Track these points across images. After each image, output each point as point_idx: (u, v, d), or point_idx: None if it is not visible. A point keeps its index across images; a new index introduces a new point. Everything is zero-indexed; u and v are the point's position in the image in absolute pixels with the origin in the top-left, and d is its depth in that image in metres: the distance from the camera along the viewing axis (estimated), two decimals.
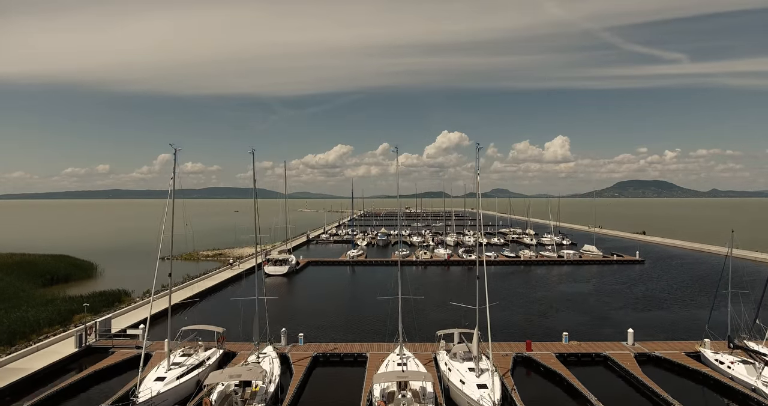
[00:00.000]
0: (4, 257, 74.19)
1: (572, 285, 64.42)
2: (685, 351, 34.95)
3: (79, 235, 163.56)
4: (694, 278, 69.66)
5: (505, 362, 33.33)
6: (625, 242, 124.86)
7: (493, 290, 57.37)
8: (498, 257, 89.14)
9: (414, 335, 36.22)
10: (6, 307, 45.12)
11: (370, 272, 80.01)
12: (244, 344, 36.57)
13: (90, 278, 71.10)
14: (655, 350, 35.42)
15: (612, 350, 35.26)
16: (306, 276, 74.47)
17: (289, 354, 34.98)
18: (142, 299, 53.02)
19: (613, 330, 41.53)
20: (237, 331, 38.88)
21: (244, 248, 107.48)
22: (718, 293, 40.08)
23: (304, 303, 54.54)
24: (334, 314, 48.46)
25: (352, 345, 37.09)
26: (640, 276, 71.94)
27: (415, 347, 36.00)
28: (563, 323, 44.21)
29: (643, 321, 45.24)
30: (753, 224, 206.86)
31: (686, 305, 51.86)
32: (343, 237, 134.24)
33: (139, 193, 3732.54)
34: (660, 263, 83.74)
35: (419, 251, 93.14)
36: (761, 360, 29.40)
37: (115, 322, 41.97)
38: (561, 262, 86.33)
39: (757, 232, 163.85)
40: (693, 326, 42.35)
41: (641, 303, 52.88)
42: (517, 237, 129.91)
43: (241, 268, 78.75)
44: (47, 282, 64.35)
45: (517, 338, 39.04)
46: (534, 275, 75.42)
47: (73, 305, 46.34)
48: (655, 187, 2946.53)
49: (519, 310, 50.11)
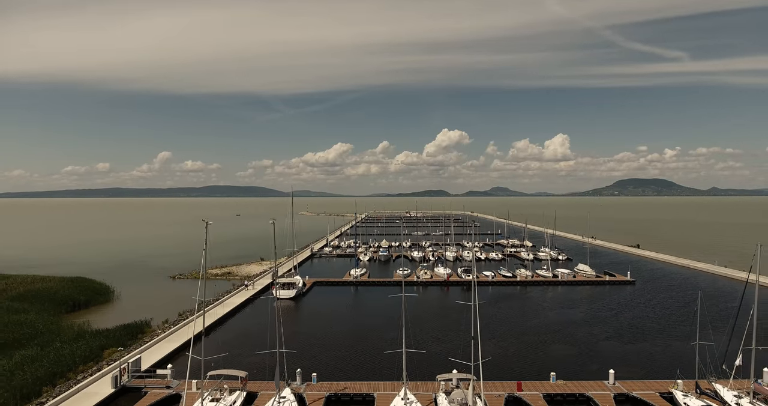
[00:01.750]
0: (23, 281, 78.15)
1: (564, 312, 68.29)
2: (659, 391, 38.93)
3: (85, 244, 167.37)
4: (680, 302, 73.61)
5: (497, 402, 37.36)
6: (620, 256, 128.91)
7: (490, 319, 61.45)
8: (495, 277, 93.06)
9: (416, 373, 40.21)
10: (40, 343, 49.10)
11: (373, 293, 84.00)
12: (263, 384, 40.52)
13: (108, 302, 75.04)
14: (633, 389, 39.39)
15: (594, 391, 39.25)
16: (313, 300, 78.31)
17: (304, 394, 38.94)
18: (162, 330, 56.87)
19: (599, 366, 45.47)
20: (255, 363, 42.89)
21: (251, 266, 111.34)
22: (692, 329, 43.91)
23: (313, 332, 58.22)
24: (343, 347, 52.30)
25: (360, 384, 41.03)
26: (629, 299, 75.92)
27: (418, 386, 40.00)
28: (552, 358, 48.26)
29: (626, 355, 49.22)
30: (751, 232, 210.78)
31: (668, 337, 55.69)
32: (345, 251, 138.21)
33: (139, 192, 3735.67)
34: (650, 285, 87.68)
35: (420, 270, 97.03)
36: None
37: (143, 356, 45.98)
38: (555, 282, 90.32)
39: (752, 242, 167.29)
40: (672, 362, 46.18)
41: (626, 334, 56.79)
42: (514, 251, 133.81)
43: (256, 287, 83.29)
44: (69, 309, 68.35)
45: (510, 373, 43.04)
46: (529, 298, 79.37)
47: (102, 340, 50.23)
48: (655, 186, 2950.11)
49: (513, 342, 54.00)
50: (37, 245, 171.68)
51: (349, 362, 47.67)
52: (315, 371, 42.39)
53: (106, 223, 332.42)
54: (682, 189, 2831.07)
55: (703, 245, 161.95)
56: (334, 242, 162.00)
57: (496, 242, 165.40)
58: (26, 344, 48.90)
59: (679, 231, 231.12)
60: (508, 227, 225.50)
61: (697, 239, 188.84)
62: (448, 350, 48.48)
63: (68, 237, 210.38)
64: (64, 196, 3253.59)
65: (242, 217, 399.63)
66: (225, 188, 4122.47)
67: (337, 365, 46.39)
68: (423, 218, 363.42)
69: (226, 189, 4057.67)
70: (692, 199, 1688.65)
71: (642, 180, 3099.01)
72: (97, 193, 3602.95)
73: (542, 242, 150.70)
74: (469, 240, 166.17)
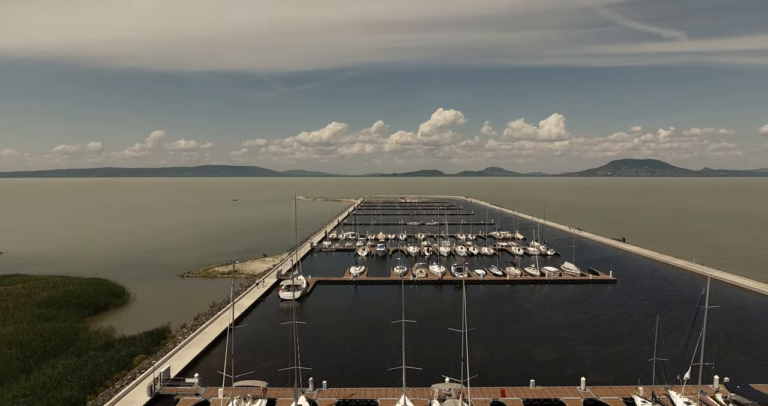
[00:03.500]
0: (44, 284, 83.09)
1: (547, 315, 74.46)
2: (623, 396, 45.20)
3: (89, 235, 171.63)
4: (655, 303, 79.88)
5: None
6: (605, 251, 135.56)
7: (479, 322, 67.36)
8: (486, 275, 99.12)
9: (412, 379, 46.16)
10: (75, 351, 54.57)
11: (373, 292, 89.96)
12: (280, 390, 46.34)
13: (125, 304, 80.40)
14: (600, 395, 45.63)
15: (567, 396, 45.43)
16: (317, 301, 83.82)
17: (317, 400, 44.86)
18: (182, 336, 62.42)
19: (574, 371, 51.68)
20: (272, 366, 48.65)
21: (255, 263, 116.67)
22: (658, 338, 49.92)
23: (321, 337, 63.87)
24: (348, 353, 58.05)
25: (365, 391, 46.96)
26: (609, 300, 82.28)
27: (415, 392, 45.98)
28: (534, 363, 54.51)
29: (598, 360, 55.45)
30: (739, 226, 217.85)
31: (639, 341, 61.72)
32: (344, 245, 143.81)
33: (132, 172, 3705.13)
34: (630, 284, 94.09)
35: (415, 269, 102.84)
36: None
37: (169, 361, 51.67)
38: (542, 281, 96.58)
39: (741, 238, 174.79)
40: (637, 367, 52.35)
41: (601, 338, 63.05)
42: (506, 246, 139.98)
43: (266, 284, 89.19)
44: (90, 313, 73.74)
45: (496, 379, 49.05)
46: (517, 298, 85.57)
47: (130, 348, 55.76)
48: (649, 167, 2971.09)
49: (499, 346, 60.04)
50: (42, 237, 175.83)
51: (355, 368, 53.51)
52: (325, 377, 48.30)
53: (104, 209, 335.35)
54: (675, 170, 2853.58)
55: (685, 238, 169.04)
56: (332, 234, 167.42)
57: (488, 234, 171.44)
58: (62, 352, 54.36)
59: (665, 222, 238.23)
60: (501, 216, 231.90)
61: (680, 231, 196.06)
62: (441, 355, 54.37)
63: (70, 227, 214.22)
64: (56, 176, 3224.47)
65: (239, 202, 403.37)
66: (218, 168, 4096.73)
67: (344, 372, 52.24)
68: (418, 204, 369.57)
69: (219, 169, 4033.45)
70: (684, 181, 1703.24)
71: (635, 161, 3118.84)
72: (89, 172, 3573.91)
73: (533, 234, 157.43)
74: (462, 232, 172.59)
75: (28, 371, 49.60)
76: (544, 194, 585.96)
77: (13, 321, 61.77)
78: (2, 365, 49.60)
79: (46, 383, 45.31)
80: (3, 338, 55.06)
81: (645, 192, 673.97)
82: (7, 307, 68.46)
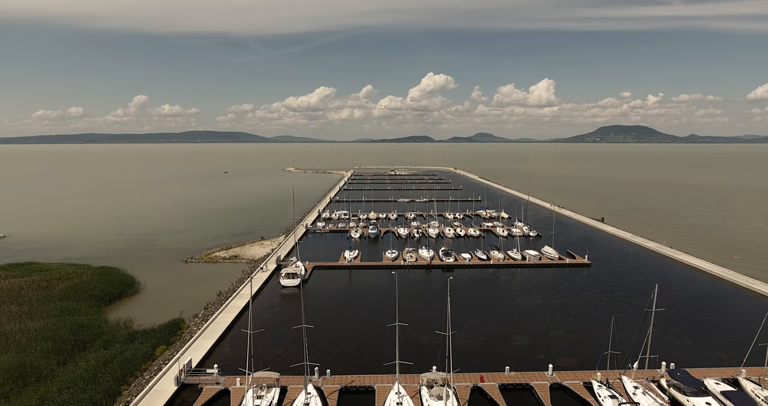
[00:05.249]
0: (58, 274, 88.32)
1: (526, 300, 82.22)
2: (584, 381, 53.07)
3: (85, 214, 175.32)
4: (626, 289, 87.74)
5: (465, 392, 51.05)
6: (584, 231, 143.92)
7: (464, 310, 74.53)
8: (472, 259, 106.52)
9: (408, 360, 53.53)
10: (101, 344, 60.85)
11: (367, 277, 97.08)
12: (290, 378, 53.33)
13: (136, 293, 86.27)
14: (565, 379, 53.44)
15: (536, 381, 53.15)
16: (315, 287, 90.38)
17: (322, 387, 52.05)
18: (196, 327, 68.96)
19: (544, 356, 59.55)
20: (282, 355, 55.57)
21: (254, 247, 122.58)
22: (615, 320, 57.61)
23: (322, 324, 70.29)
24: (347, 340, 65.12)
25: (363, 377, 54.18)
26: (583, 285, 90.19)
27: (406, 379, 53.31)
28: (510, 349, 62.18)
29: (566, 345, 63.20)
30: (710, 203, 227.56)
31: (604, 327, 69.46)
32: (337, 225, 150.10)
33: (116, 138, 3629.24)
34: (603, 268, 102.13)
35: (406, 253, 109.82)
36: (627, 400, 47.43)
37: (188, 351, 58.37)
38: (523, 265, 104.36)
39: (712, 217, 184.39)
40: (599, 353, 60.25)
41: (571, 324, 70.90)
42: (491, 226, 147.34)
43: (269, 268, 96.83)
44: (106, 302, 79.70)
45: (476, 366, 56.52)
46: (500, 283, 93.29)
47: (152, 340, 62.15)
48: (636, 133, 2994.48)
49: (480, 333, 67.50)
50: (39, 215, 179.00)
51: (354, 356, 60.67)
52: (329, 366, 55.47)
53: (94, 183, 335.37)
54: (662, 136, 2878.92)
55: (660, 217, 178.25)
56: (325, 213, 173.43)
57: (475, 212, 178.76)
58: (91, 345, 60.62)
59: (643, 199, 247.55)
60: (488, 192, 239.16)
61: (657, 209, 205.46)
62: (429, 342, 61.78)
63: (64, 203, 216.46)
64: (37, 143, 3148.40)
65: (230, 175, 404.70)
66: (205, 134, 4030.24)
67: (345, 359, 59.39)
68: (407, 177, 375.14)
69: (206, 135, 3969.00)
70: (670, 149, 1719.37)
71: (624, 127, 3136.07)
72: (71, 138, 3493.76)
73: (517, 211, 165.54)
74: (451, 210, 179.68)
75: (63, 364, 55.97)
76: (531, 166, 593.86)
77: (41, 316, 67.57)
78: (41, 357, 55.76)
79: (84, 376, 51.66)
80: (37, 334, 61.00)
81: (630, 162, 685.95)
82: (30, 300, 74.09)
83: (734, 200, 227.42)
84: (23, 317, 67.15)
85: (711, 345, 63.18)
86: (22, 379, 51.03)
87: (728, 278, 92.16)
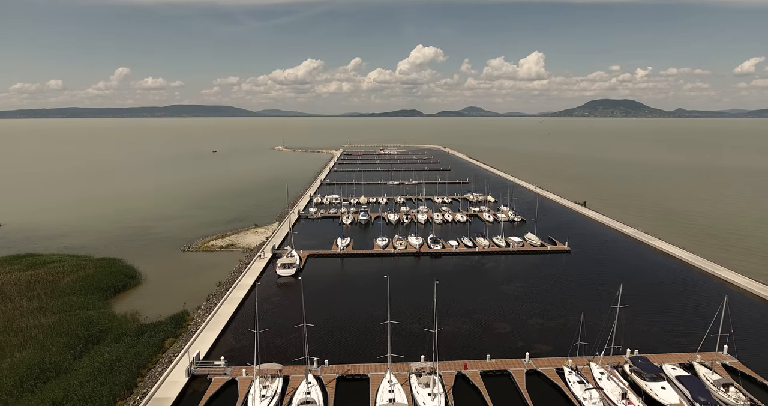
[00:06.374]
0: (61, 267, 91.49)
1: (509, 287, 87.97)
2: (556, 367, 59.05)
3: (75, 199, 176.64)
4: (601, 277, 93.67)
5: (449, 378, 56.74)
6: (567, 215, 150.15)
7: (449, 299, 79.48)
8: (458, 247, 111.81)
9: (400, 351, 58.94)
10: (113, 338, 65.16)
11: (359, 265, 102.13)
12: (292, 368, 58.45)
13: (138, 285, 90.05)
14: (540, 366, 59.34)
15: (513, 367, 58.98)
16: (310, 277, 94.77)
17: (321, 376, 57.33)
18: (201, 319, 73.51)
19: (522, 343, 65.46)
20: (282, 346, 60.55)
21: (249, 235, 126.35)
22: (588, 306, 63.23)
23: (318, 315, 75.05)
24: (341, 330, 70.24)
25: (358, 366, 59.51)
26: (562, 273, 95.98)
27: (397, 367, 58.79)
28: (492, 336, 67.89)
29: (543, 332, 69.08)
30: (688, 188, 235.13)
31: (578, 314, 75.68)
32: (329, 211, 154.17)
33: (98, 112, 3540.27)
34: (582, 255, 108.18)
35: (396, 241, 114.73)
36: (593, 385, 53.41)
37: (195, 344, 63.10)
38: (507, 252, 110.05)
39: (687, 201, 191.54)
40: (571, 340, 66.26)
41: (548, 311, 76.75)
42: (477, 211, 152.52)
43: (266, 255, 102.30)
44: (110, 295, 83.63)
45: (460, 353, 62.15)
46: (485, 270, 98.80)
47: (159, 333, 66.56)
48: (624, 107, 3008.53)
49: (465, 321, 73.09)
50: (30, 200, 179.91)
51: (349, 345, 65.91)
52: (325, 355, 60.66)
53: (79, 163, 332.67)
54: (650, 110, 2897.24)
55: (639, 199, 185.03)
56: (316, 197, 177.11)
57: (462, 195, 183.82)
58: (103, 339, 64.90)
59: (625, 180, 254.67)
60: (476, 174, 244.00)
61: (637, 192, 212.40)
62: (418, 331, 67.21)
63: (54, 187, 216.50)
64: (16, 117, 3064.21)
65: (219, 154, 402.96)
66: (190, 107, 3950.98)
67: (341, 349, 64.60)
68: (396, 156, 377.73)
69: (191, 108, 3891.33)
70: (656, 124, 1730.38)
71: (612, 101, 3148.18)
72: (52, 113, 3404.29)
73: (503, 195, 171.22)
74: (439, 194, 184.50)
75: (79, 358, 60.35)
76: (519, 143, 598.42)
77: (52, 311, 71.39)
78: (58, 353, 59.99)
79: (101, 370, 56.15)
80: (52, 329, 65.02)
81: (616, 139, 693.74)
82: (39, 295, 77.72)
83: (713, 181, 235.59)
84: (36, 312, 70.97)
85: (673, 332, 69.58)
86: (43, 374, 55.36)
87: (697, 264, 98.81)
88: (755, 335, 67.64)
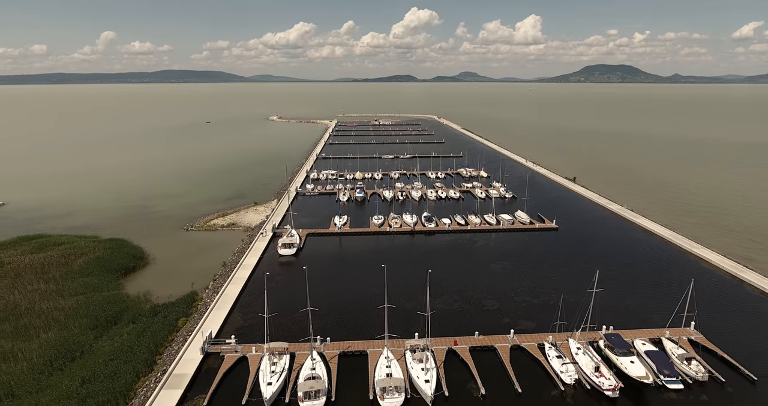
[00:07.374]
0: (71, 249, 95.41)
1: (498, 264, 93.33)
2: (537, 343, 64.93)
3: (74, 175, 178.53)
4: (585, 255, 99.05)
5: (441, 354, 62.53)
6: (556, 191, 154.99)
7: (441, 276, 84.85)
8: (451, 225, 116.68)
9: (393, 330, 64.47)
10: (130, 318, 70.08)
11: (356, 242, 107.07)
12: (297, 346, 63.87)
13: (146, 265, 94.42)
14: (523, 341, 65.17)
15: (499, 343, 64.78)
16: (310, 256, 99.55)
17: (324, 352, 62.90)
18: (209, 299, 78.47)
19: (508, 319, 71.20)
20: (287, 325, 65.87)
21: (249, 213, 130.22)
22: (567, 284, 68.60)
23: (319, 294, 79.62)
24: (341, 308, 75.51)
25: (358, 343, 65.06)
26: (548, 251, 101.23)
27: (393, 344, 64.40)
28: (481, 313, 73.48)
29: (527, 310, 74.65)
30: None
31: (561, 291, 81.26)
32: (325, 187, 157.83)
33: (85, 78, 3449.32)
34: (569, 233, 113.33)
35: (391, 219, 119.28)
36: (570, 359, 59.33)
37: (207, 323, 68.30)
38: (498, 230, 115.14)
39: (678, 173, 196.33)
40: (553, 317, 71.96)
41: (534, 289, 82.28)
42: (470, 187, 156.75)
43: (267, 233, 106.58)
44: (121, 275, 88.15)
45: (451, 330, 67.72)
46: (476, 249, 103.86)
47: (172, 313, 71.50)
48: (621, 72, 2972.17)
49: (456, 299, 78.49)
50: (28, 177, 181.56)
51: (349, 323, 71.33)
52: (327, 333, 66.06)
53: (71, 134, 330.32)
54: (646, 76, 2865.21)
55: (626, 174, 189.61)
56: (313, 173, 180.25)
57: (456, 171, 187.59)
58: (120, 319, 69.83)
59: (615, 154, 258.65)
60: (470, 147, 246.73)
61: (625, 167, 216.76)
62: (413, 307, 72.67)
63: (50, 162, 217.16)
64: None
65: (214, 125, 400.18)
66: (180, 73, 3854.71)
67: (341, 326, 70.04)
68: (391, 127, 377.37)
69: (181, 74, 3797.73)
70: (652, 91, 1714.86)
71: (609, 66, 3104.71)
72: (37, 79, 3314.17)
73: (496, 170, 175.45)
74: (433, 168, 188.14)
75: (99, 338, 65.40)
76: (513, 112, 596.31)
77: (69, 293, 75.96)
78: (81, 333, 64.96)
79: (122, 349, 61.28)
80: (72, 311, 69.76)
81: (610, 107, 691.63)
82: (54, 277, 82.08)
83: (701, 155, 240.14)
84: (53, 295, 75.53)
85: (646, 309, 75.48)
86: (69, 354, 60.41)
87: (676, 242, 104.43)
88: (720, 312, 73.77)
